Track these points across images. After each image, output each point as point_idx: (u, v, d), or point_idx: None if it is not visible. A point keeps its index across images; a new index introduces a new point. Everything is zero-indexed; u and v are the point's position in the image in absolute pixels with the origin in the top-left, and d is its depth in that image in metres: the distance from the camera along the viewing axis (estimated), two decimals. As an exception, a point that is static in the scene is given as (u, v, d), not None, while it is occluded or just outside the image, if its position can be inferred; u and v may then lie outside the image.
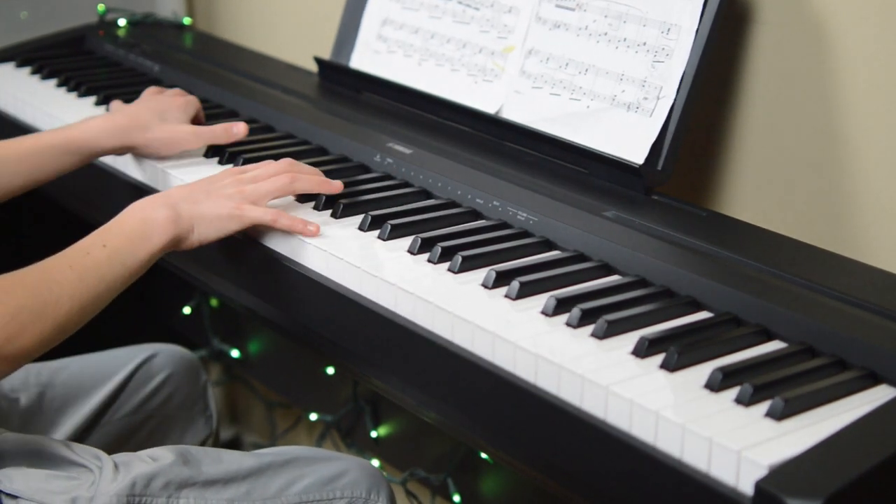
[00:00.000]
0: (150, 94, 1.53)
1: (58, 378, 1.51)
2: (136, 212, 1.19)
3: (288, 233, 1.25)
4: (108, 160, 1.52)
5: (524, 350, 1.02)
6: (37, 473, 1.18)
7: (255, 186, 1.25)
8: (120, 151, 1.45)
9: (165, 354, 1.60)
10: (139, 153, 1.46)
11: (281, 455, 1.29)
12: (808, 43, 1.32)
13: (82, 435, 1.50)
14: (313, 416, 2.02)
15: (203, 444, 1.63)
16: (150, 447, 1.52)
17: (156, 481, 1.20)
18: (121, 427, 1.54)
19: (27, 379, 1.48)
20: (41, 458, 1.21)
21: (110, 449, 1.49)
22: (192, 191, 1.23)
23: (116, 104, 1.55)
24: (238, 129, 1.46)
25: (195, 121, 1.52)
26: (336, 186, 1.31)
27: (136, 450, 1.50)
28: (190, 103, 1.51)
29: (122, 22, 2.05)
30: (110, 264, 1.14)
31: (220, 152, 1.48)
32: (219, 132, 1.46)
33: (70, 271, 1.11)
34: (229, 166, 1.45)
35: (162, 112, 1.46)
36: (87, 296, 1.11)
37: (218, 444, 1.67)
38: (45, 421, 1.48)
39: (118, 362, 1.56)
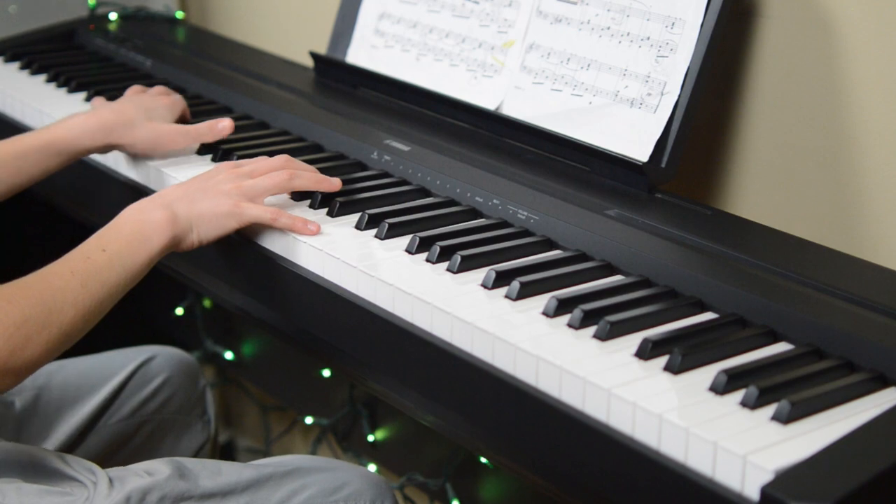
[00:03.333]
0: (134, 93, 1.51)
1: (54, 381, 1.49)
2: (132, 214, 1.18)
3: (286, 232, 1.23)
4: (101, 158, 1.51)
5: (525, 352, 1.01)
6: (30, 488, 1.16)
7: (252, 182, 1.24)
8: (105, 150, 1.43)
9: (164, 357, 1.58)
10: (124, 152, 1.44)
11: (282, 465, 1.27)
12: (815, 38, 1.31)
13: (78, 439, 1.48)
14: (309, 420, 2.00)
15: (201, 448, 1.61)
16: (146, 451, 1.51)
17: (151, 496, 1.18)
18: (117, 431, 1.52)
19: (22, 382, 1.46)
20: (35, 471, 1.19)
21: (105, 453, 1.48)
22: (188, 190, 1.22)
23: (99, 101, 1.53)
24: (223, 125, 1.44)
25: (181, 120, 1.50)
26: (335, 184, 1.29)
27: (131, 454, 1.50)
28: (176, 102, 1.49)
29: (112, 16, 2.04)
30: (111, 268, 1.12)
31: (214, 149, 1.46)
32: (204, 130, 1.44)
33: (72, 277, 1.09)
34: (224, 163, 1.44)
35: (148, 110, 1.44)
36: (91, 302, 1.10)
37: (216, 448, 1.65)
38: (40, 425, 1.46)
39: (115, 365, 1.55)
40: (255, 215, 1.22)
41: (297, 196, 1.32)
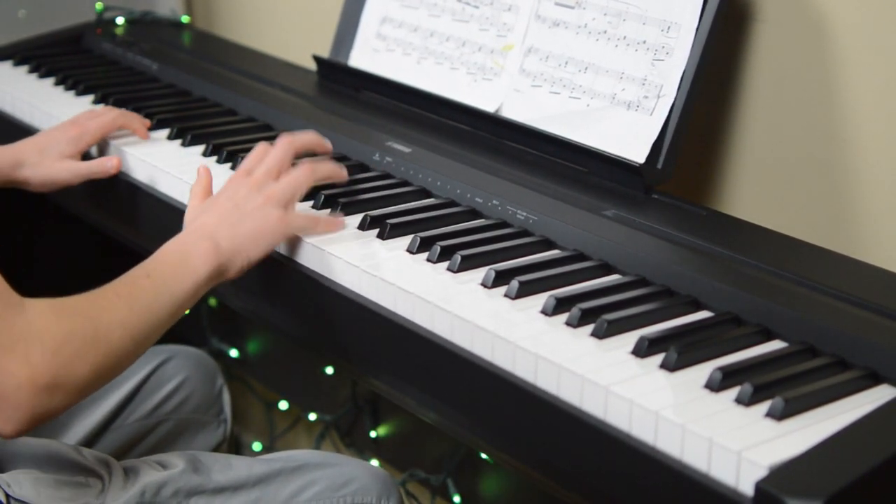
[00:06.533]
0: (66, 123, 1.51)
1: None
2: (174, 245, 1.16)
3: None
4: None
5: (524, 350, 1.01)
6: (46, 479, 1.17)
7: (281, 188, 1.21)
8: (4, 186, 1.45)
9: (182, 357, 1.58)
10: (25, 189, 1.46)
11: (291, 461, 1.29)
12: (809, 41, 1.31)
13: (93, 439, 1.48)
14: (312, 417, 2.01)
15: (217, 448, 1.61)
16: (161, 450, 1.50)
17: (165, 489, 1.19)
18: (132, 431, 1.52)
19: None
20: (51, 463, 1.20)
21: (120, 453, 1.47)
22: (223, 214, 1.19)
23: (32, 140, 1.52)
24: (112, 164, 1.45)
25: (136, 129, 1.51)
26: (345, 174, 1.31)
27: (146, 452, 1.48)
28: (87, 132, 1.47)
29: (120, 20, 2.05)
30: (157, 293, 1.10)
31: (219, 151, 1.47)
32: (95, 168, 1.45)
33: (118, 299, 1.07)
34: (227, 165, 1.45)
35: (44, 148, 1.45)
36: (138, 325, 1.07)
37: (232, 449, 1.65)
38: (55, 424, 1.45)
39: (132, 364, 1.54)
40: (300, 226, 1.21)
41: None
